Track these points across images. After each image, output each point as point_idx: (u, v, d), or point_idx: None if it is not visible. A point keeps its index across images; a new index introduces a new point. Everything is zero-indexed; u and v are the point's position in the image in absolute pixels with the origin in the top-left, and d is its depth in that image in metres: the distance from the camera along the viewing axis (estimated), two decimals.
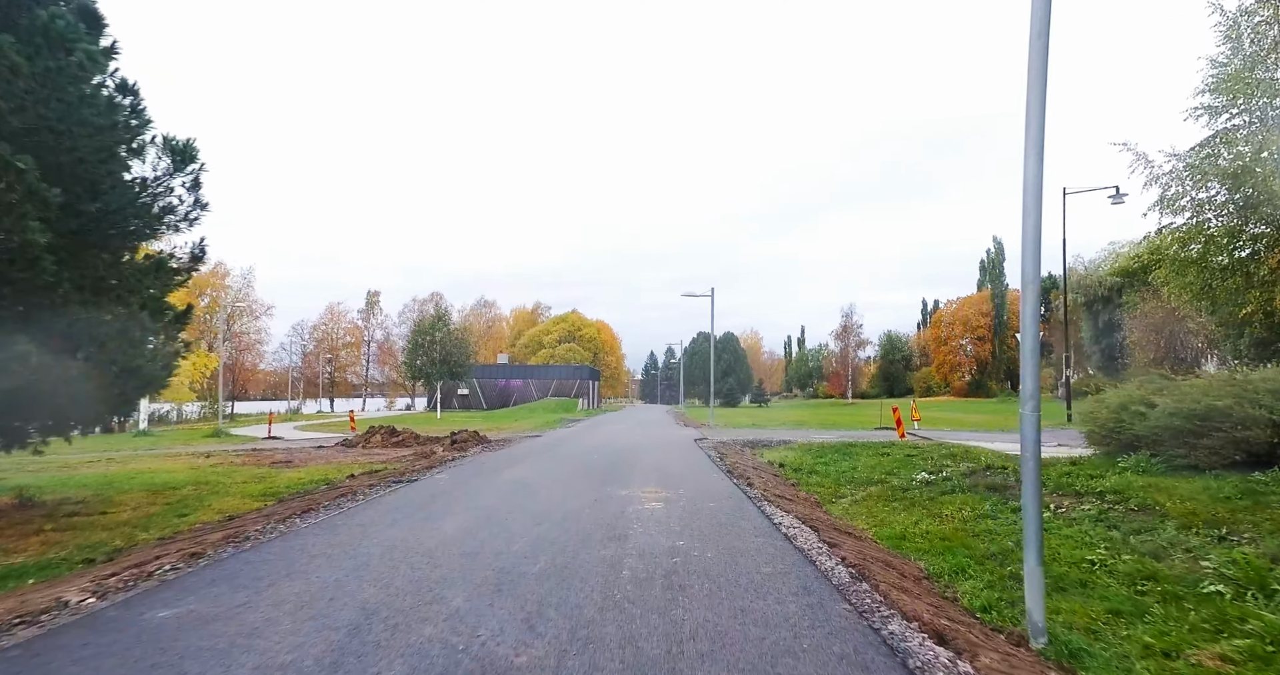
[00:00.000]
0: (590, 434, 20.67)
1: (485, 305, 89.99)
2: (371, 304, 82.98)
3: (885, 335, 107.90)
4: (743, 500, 7.57)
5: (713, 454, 13.43)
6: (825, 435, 19.44)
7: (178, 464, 13.91)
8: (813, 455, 13.64)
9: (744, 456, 13.61)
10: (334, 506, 7.48)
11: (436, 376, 39.93)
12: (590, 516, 6.64)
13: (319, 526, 6.29)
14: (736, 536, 5.66)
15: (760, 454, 14.38)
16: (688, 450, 14.32)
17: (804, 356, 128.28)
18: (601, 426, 26.63)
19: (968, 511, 7.27)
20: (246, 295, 55.74)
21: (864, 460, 12.31)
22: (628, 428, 25.13)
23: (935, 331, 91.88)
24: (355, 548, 5.36)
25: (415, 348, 39.96)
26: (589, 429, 24.91)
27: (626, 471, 10.27)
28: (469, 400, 59.68)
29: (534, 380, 61.13)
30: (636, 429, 23.41)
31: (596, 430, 23.50)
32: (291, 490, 9.61)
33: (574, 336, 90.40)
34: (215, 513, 7.86)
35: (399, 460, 13.48)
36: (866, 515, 7.91)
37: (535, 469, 10.91)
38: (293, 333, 75.50)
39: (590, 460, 12.05)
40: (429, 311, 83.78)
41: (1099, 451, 8.85)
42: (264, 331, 57.45)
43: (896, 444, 14.41)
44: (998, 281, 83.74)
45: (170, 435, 24.87)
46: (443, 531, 5.98)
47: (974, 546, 5.89)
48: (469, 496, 7.98)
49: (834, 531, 5.96)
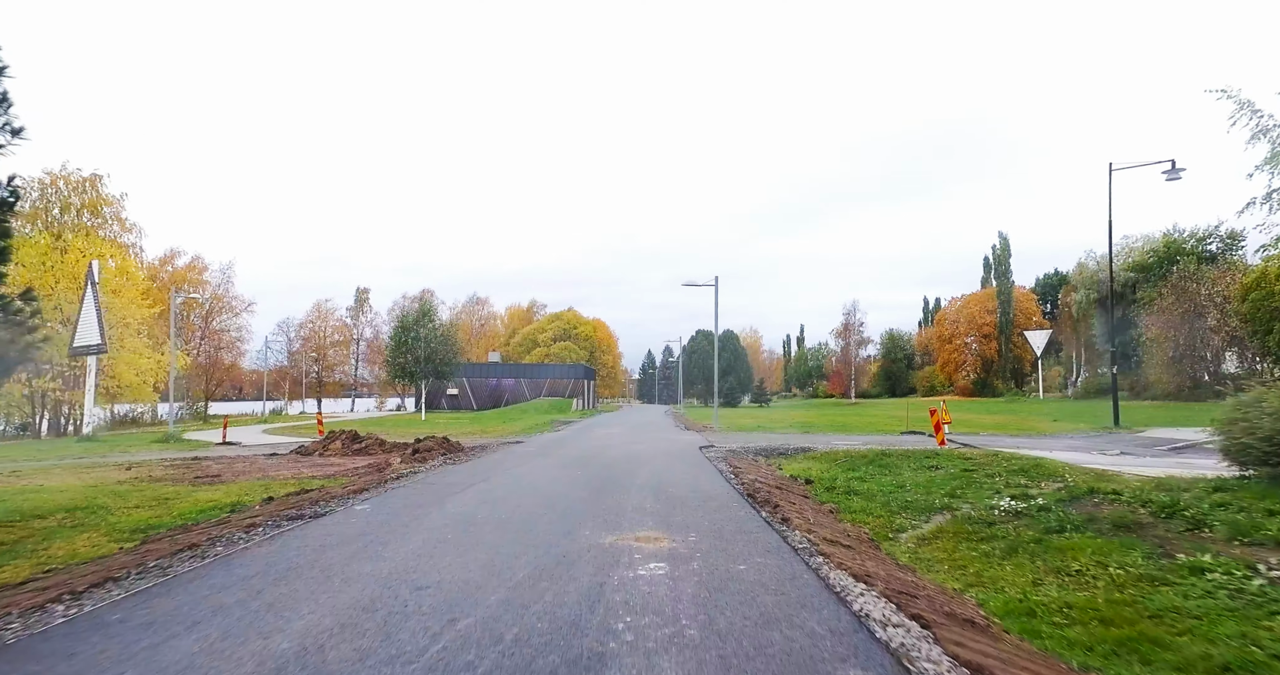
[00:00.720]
0: (580, 440, 18.38)
1: (478, 303, 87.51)
2: (361, 301, 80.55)
3: (887, 333, 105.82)
4: (786, 553, 5.25)
5: (724, 467, 11.16)
6: (846, 441, 17.18)
7: (83, 479, 11.60)
8: (843, 468, 11.38)
9: (761, 470, 11.34)
10: (144, 575, 4.85)
11: (421, 376, 37.54)
12: (548, 600, 4.06)
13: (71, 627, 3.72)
14: (807, 659, 3.13)
15: (779, 466, 12.12)
16: (694, 463, 12.04)
17: (803, 355, 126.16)
18: (594, 430, 24.31)
19: (1114, 568, 4.99)
20: (226, 291, 53.30)
21: (909, 476, 10.05)
22: (624, 432, 22.84)
23: (939, 329, 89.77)
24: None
25: (398, 345, 37.54)
26: (580, 433, 22.61)
27: (617, 498, 7.95)
28: (459, 401, 57.23)
29: (527, 380, 58.65)
30: (633, 433, 21.10)
31: (588, 435, 21.21)
32: (181, 522, 7.35)
33: (570, 334, 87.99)
34: (35, 565, 5.58)
35: (347, 474, 11.21)
36: (949, 564, 5.66)
37: (495, 494, 8.53)
38: (278, 331, 73.10)
39: (572, 480, 9.73)
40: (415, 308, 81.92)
41: (1258, 473, 6.57)
42: (244, 329, 54.90)
43: (940, 453, 12.15)
44: (1003, 278, 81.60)
45: (117, 440, 22.49)
46: (261, 651, 3.29)
47: (1173, 644, 3.61)
48: (373, 551, 5.48)
49: (949, 621, 3.67)
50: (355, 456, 15.17)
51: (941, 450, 12.70)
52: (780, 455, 14.09)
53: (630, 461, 11.87)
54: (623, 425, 28.13)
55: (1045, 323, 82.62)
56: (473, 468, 11.16)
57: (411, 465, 11.43)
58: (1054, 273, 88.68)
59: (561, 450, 14.46)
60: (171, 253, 50.73)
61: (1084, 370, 69.03)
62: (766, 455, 14.12)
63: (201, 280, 51.72)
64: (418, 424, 32.79)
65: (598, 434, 21.33)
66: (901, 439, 17.85)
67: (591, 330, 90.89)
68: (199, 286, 51.67)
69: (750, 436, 19.21)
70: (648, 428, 25.80)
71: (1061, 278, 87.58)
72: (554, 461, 12.20)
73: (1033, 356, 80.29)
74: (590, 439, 18.48)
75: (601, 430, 23.86)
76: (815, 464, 12.26)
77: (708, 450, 14.19)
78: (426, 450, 12.96)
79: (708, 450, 14.19)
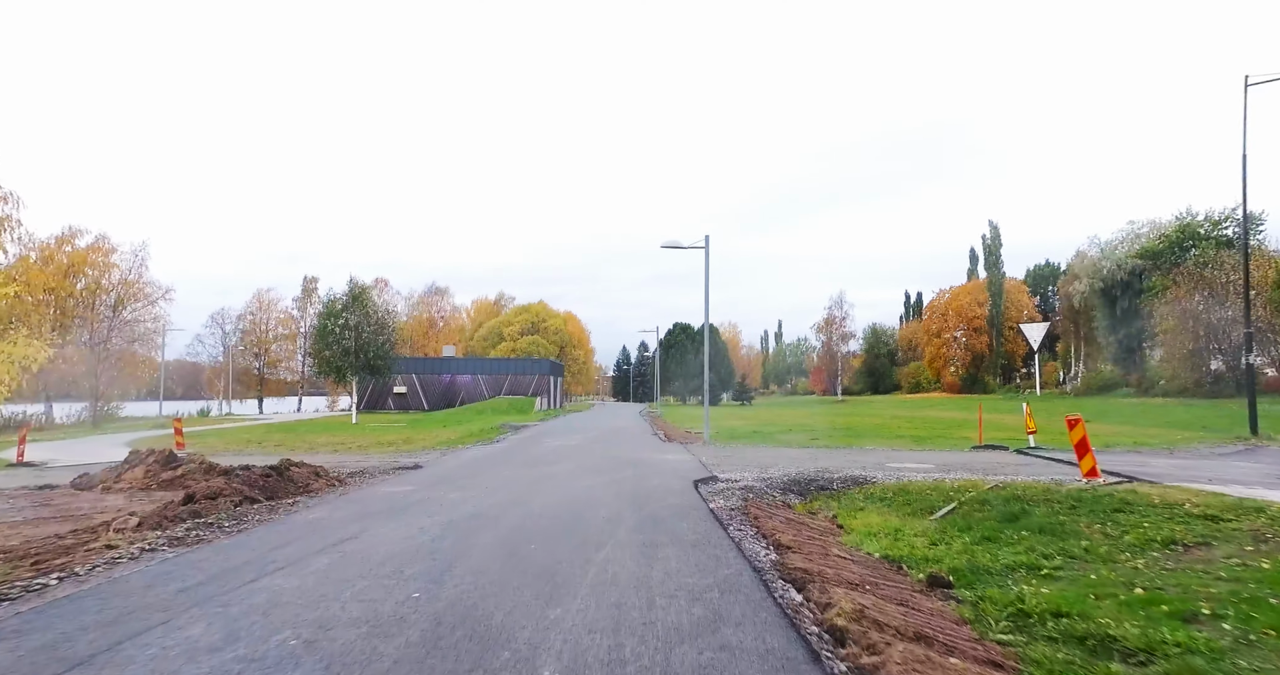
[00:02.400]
0: (514, 462, 12.75)
1: (436, 293, 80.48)
2: (309, 292, 73.53)
3: (870, 328, 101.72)
4: None
5: (751, 541, 5.64)
6: (898, 459, 11.87)
7: None
8: (960, 529, 6.12)
9: (820, 537, 5.94)
10: None
11: (350, 371, 31.54)
12: None
13: None
14: None
15: (839, 520, 6.78)
16: (689, 520, 6.49)
17: (782, 352, 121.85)
18: (545, 441, 18.68)
19: None
20: (139, 276, 46.44)
21: (1130, 565, 4.73)
22: (583, 444, 17.26)
23: (927, 323, 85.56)
24: None
25: (322, 335, 31.44)
26: (524, 446, 16.99)
27: None
28: (407, 400, 50.95)
29: (485, 376, 52.35)
30: (593, 450, 15.46)
31: (534, 450, 15.60)
32: None
33: (538, 328, 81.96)
34: None
35: (65, 539, 5.52)
36: None
37: None
38: (211, 323, 66.06)
39: (411, 613, 4.19)
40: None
41: None
42: (161, 319, 48.01)
43: (1127, 500, 6.85)
44: (994, 269, 77.51)
45: None
46: None
47: None
48: None
49: None
50: (164, 490, 9.57)
51: (1117, 490, 7.39)
52: (823, 493, 8.73)
53: (559, 539, 6.07)
54: (585, 433, 22.53)
55: (1038, 315, 78.86)
56: (207, 560, 5.46)
57: (138, 534, 5.79)
58: (1046, 264, 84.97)
59: (470, 487, 8.82)
60: (71, 231, 43.74)
61: (1083, 365, 65.02)
62: (802, 493, 8.73)
63: (108, 263, 44.84)
64: (342, 428, 26.89)
65: (548, 447, 15.71)
66: (979, 458, 12.61)
67: (562, 323, 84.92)
68: (105, 270, 44.82)
69: (757, 453, 13.80)
70: (616, 438, 20.24)
71: (1054, 269, 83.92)
72: (428, 523, 6.63)
73: (1024, 351, 76.55)
74: (529, 461, 12.85)
75: (555, 441, 18.21)
76: (895, 515, 6.95)
77: (707, 487, 8.71)
78: (228, 491, 7.30)
79: (707, 487, 8.71)
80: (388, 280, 78.05)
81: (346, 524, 6.01)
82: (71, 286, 42.84)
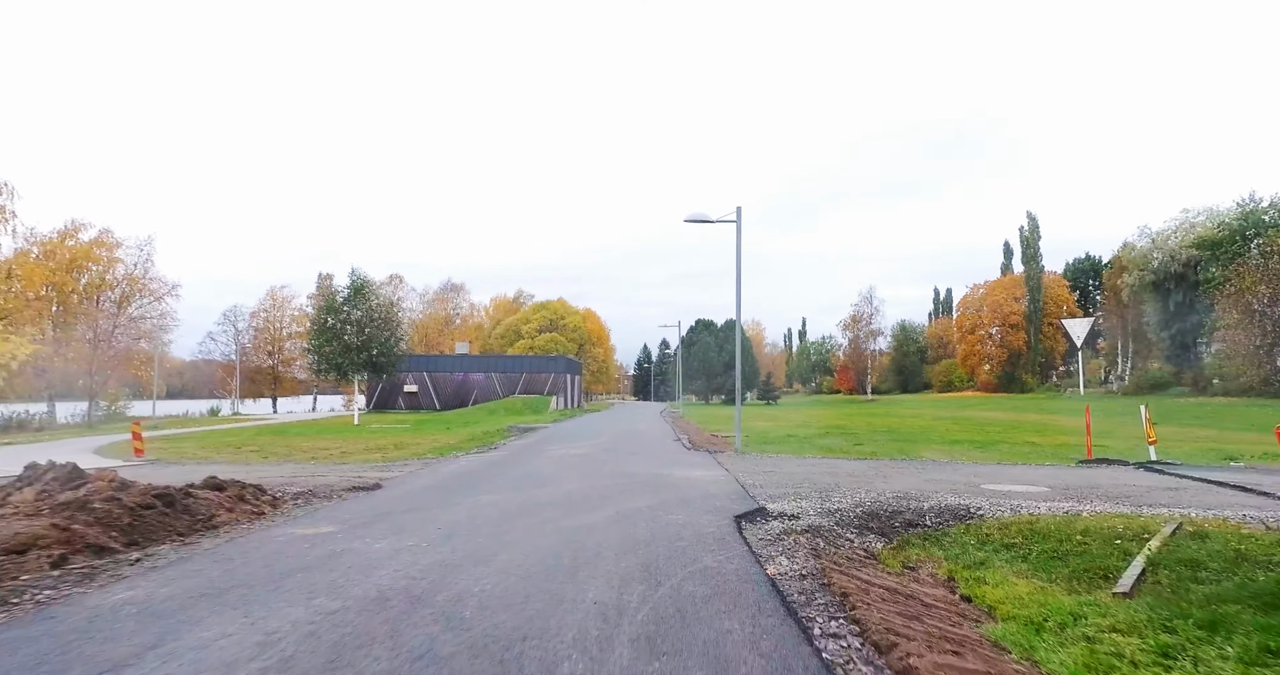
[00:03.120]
0: (499, 481, 10.35)
1: (452, 289, 78.52)
2: (324, 288, 72.13)
3: (899, 325, 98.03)
4: None
5: (862, 665, 3.20)
6: (998, 480, 9.33)
7: None
8: (1223, 634, 3.51)
9: (953, 628, 3.49)
10: None
11: (352, 369, 29.52)
12: None
13: None
14: None
15: (968, 593, 4.33)
16: (739, 610, 3.96)
17: (806, 350, 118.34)
18: (550, 449, 16.29)
19: None
20: (145, 272, 45.03)
21: None
22: (593, 453, 14.87)
23: (961, 319, 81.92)
24: None
25: (322, 331, 29.46)
26: (523, 456, 14.63)
27: None
28: (418, 399, 48.91)
29: (499, 374, 50.06)
30: (606, 459, 13.09)
31: (533, 462, 13.20)
32: None
33: (557, 325, 79.71)
34: None
35: None
36: None
37: None
38: (224, 320, 64.86)
39: None
40: (386, 290, 73.45)
41: None
42: (168, 315, 46.55)
43: None
44: (1032, 263, 73.40)
45: None
46: None
47: None
48: None
49: None
50: (41, 519, 7.33)
51: None
52: (913, 532, 6.23)
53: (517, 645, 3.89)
54: (599, 438, 20.17)
55: (1078, 311, 74.90)
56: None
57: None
58: (1085, 258, 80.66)
59: (395, 542, 6.30)
60: (75, 225, 42.34)
61: (1128, 362, 61.13)
62: (883, 532, 6.25)
63: (113, 258, 43.46)
64: (339, 430, 24.86)
65: (545, 460, 13.31)
66: (1098, 477, 9.98)
67: (581, 321, 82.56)
68: (109, 265, 43.45)
69: (804, 468, 11.29)
70: (632, 445, 17.85)
71: (1094, 263, 79.82)
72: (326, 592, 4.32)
73: (1064, 348, 72.75)
74: (515, 479, 10.43)
75: (559, 450, 15.82)
76: (1045, 579, 4.52)
77: (756, 528, 6.26)
78: (54, 540, 5.04)
79: (756, 528, 6.26)
80: (403, 276, 76.70)
81: (145, 626, 3.48)
82: (74, 282, 41.55)
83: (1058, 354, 74.74)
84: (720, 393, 69.60)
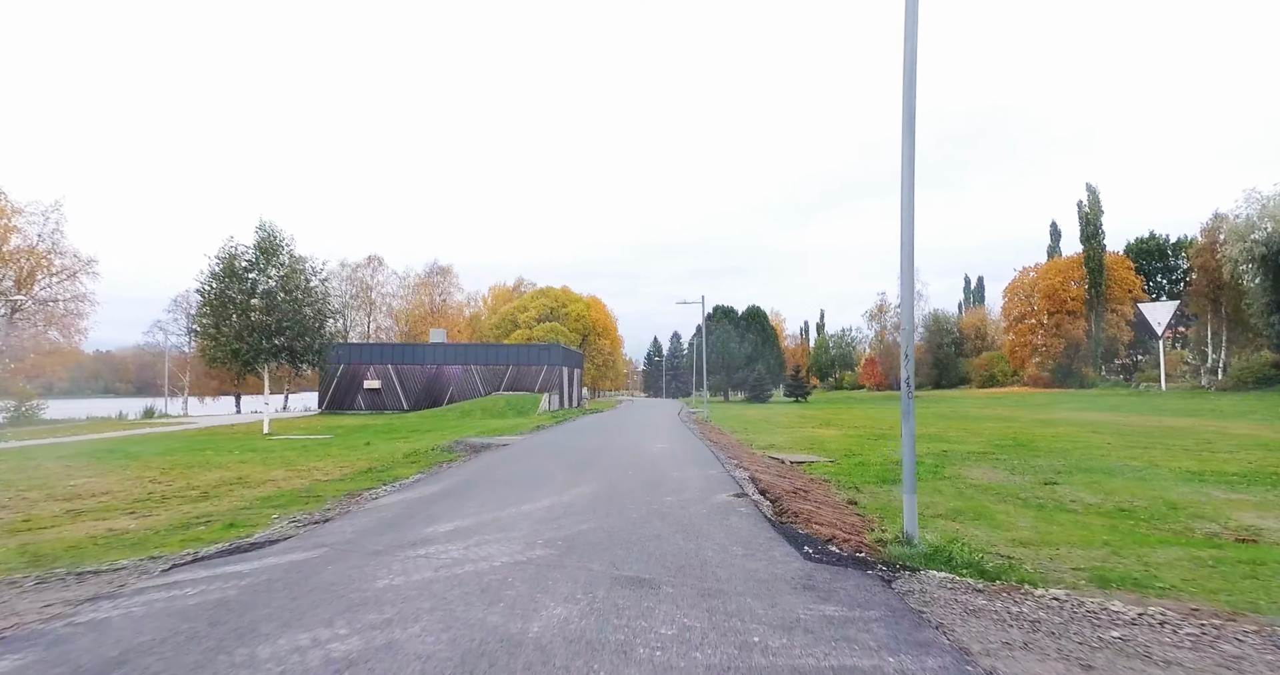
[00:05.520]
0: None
1: (439, 272, 69.87)
2: (223, 251, 63.82)
3: (930, 315, 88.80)
4: None
5: None
6: None
7: None
8: None
9: None
10: None
11: (257, 358, 21.40)
12: None
13: None
14: None
15: None
16: None
17: (824, 343, 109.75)
18: (484, 496, 7.98)
19: None
20: (53, 243, 37.14)
21: None
22: (561, 516, 6.54)
23: (1008, 307, 73.04)
24: None
25: (216, 307, 21.24)
26: (404, 528, 6.35)
27: None
28: (381, 397, 40.67)
29: (479, 366, 41.53)
30: (577, 557, 4.87)
31: (394, 565, 4.94)
32: None
33: (558, 314, 71.33)
34: None
35: None
36: None
37: None
38: (174, 307, 56.83)
39: None
40: (362, 273, 64.85)
41: None
42: (85, 298, 38.64)
43: None
44: (1093, 241, 64.39)
45: None
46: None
47: None
48: None
49: None
50: None
51: None
52: None
53: None
54: (588, 468, 11.80)
55: (1145, 296, 65.88)
56: None
57: None
58: (1150, 237, 71.17)
59: None
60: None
61: (1223, 351, 52.21)
62: None
63: (7, 227, 35.55)
64: (220, 446, 16.58)
65: (427, 557, 5.12)
66: None
67: (585, 309, 74.04)
68: (3, 236, 35.50)
69: None
70: (645, 475, 9.46)
71: (1159, 243, 70.61)
72: None
73: (1129, 338, 63.87)
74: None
75: (494, 507, 7.53)
76: None
77: None
78: None
79: None
80: (382, 258, 68.39)
81: None
82: None
83: (1123, 344, 65.45)
84: (742, 388, 60.90)
